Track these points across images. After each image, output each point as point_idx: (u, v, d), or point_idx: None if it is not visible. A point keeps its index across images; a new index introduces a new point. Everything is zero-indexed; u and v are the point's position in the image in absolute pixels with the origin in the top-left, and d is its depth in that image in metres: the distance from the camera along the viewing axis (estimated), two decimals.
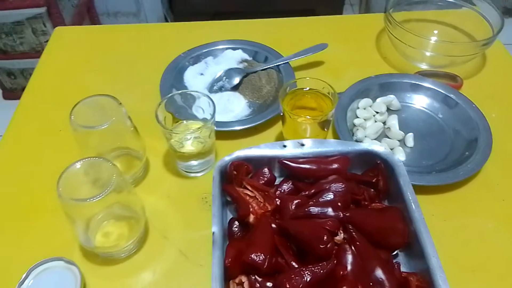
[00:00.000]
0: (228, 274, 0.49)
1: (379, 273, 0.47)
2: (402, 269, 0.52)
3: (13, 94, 1.82)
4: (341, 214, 0.51)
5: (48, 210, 0.61)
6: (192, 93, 0.62)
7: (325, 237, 0.47)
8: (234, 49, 0.82)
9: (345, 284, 0.44)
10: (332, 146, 0.59)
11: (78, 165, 0.50)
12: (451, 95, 0.71)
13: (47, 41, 0.90)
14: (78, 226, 0.52)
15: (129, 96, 0.77)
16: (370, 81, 0.74)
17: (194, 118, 0.64)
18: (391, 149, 0.67)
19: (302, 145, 0.59)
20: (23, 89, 0.80)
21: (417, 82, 0.74)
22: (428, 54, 0.78)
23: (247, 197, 0.55)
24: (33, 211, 0.62)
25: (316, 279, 0.45)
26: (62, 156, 0.66)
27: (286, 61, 0.78)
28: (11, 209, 0.62)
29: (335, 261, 0.46)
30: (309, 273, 0.45)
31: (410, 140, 0.68)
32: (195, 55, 0.80)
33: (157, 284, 0.54)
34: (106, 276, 0.55)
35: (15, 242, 0.58)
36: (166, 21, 1.92)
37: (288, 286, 0.44)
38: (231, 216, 0.57)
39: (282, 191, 0.58)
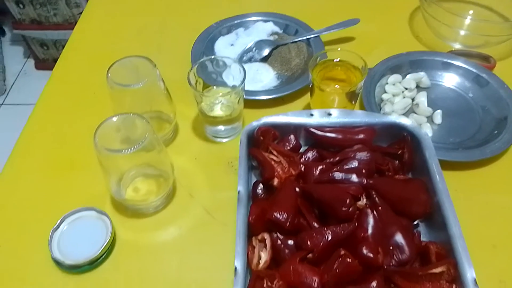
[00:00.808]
0: (251, 232, 0.50)
1: (399, 238, 0.48)
2: (422, 238, 0.52)
3: (45, 64, 1.88)
4: (365, 181, 0.52)
5: (83, 167, 0.64)
6: (223, 59, 0.63)
7: (347, 201, 0.48)
8: (265, 21, 0.82)
9: (365, 245, 0.45)
10: (359, 117, 0.59)
11: (114, 119, 0.52)
12: (483, 75, 0.70)
13: (79, 13, 0.93)
14: (111, 177, 0.54)
15: (161, 62, 0.78)
16: (401, 58, 0.74)
17: (224, 84, 0.65)
18: (419, 124, 0.67)
19: (329, 114, 0.60)
20: (54, 60, 0.83)
21: (448, 61, 0.73)
22: (462, 33, 0.77)
23: (272, 162, 0.57)
24: (68, 167, 0.65)
25: (337, 239, 0.46)
26: (96, 116, 0.68)
27: (316, 35, 0.78)
28: (50, 165, 0.65)
29: (356, 224, 0.47)
30: (330, 232, 0.46)
31: (438, 117, 0.68)
32: (227, 26, 0.82)
33: (183, 239, 0.56)
34: (135, 227, 0.57)
35: (52, 192, 0.62)
36: None
37: (309, 243, 0.46)
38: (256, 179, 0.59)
39: (307, 158, 0.59)
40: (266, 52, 0.77)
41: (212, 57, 0.63)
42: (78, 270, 0.53)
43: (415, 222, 0.54)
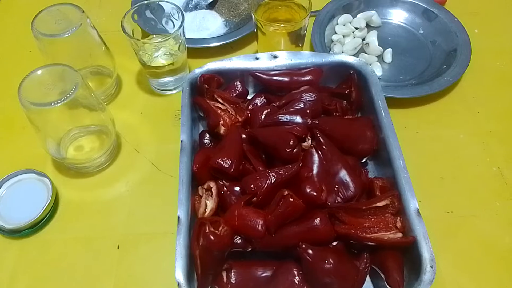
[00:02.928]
0: (197, 181, 0.49)
1: (344, 175, 0.47)
2: (370, 175, 0.52)
3: None
4: (310, 121, 0.50)
5: (19, 126, 0.60)
6: (161, 3, 0.59)
7: (291, 141, 0.47)
8: None
9: (308, 184, 0.44)
10: (305, 57, 0.57)
11: (39, 71, 0.48)
12: (432, 9, 0.69)
13: None
14: (47, 137, 0.51)
15: (100, 15, 0.75)
16: None
17: (165, 32, 0.62)
18: (369, 64, 0.66)
19: (275, 57, 0.58)
20: None
21: None
22: None
23: (218, 110, 0.55)
24: (4, 129, 0.61)
25: (281, 180, 0.45)
26: None
27: None
28: None
29: (300, 164, 0.47)
30: (274, 174, 0.45)
31: (388, 56, 0.66)
32: None
33: (129, 194, 0.55)
34: (79, 187, 0.55)
35: None
36: None
37: (253, 186, 0.45)
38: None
39: (255, 105, 0.58)
40: None
41: (148, 1, 0.59)
42: (20, 235, 0.51)
43: (364, 160, 0.53)
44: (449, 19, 0.67)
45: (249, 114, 0.55)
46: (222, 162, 0.47)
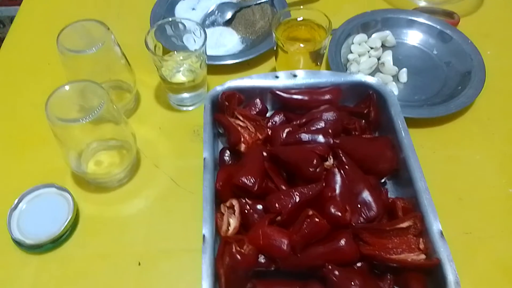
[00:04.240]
0: (219, 198, 0.49)
1: (367, 195, 0.48)
2: (390, 196, 0.53)
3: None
4: (331, 141, 0.51)
5: (40, 139, 0.60)
6: (183, 21, 0.60)
7: (314, 161, 0.48)
8: None
9: (333, 204, 0.45)
10: (324, 77, 0.58)
11: (67, 87, 0.49)
12: (447, 31, 0.70)
13: None
14: (70, 151, 0.52)
15: (119, 29, 0.74)
16: (366, 17, 0.72)
17: (185, 49, 0.62)
18: (385, 84, 0.67)
19: (295, 76, 0.58)
20: None
21: (413, 18, 0.72)
22: None
23: (239, 127, 0.55)
24: (25, 140, 0.62)
25: (305, 199, 0.46)
26: (51, 88, 0.65)
27: None
28: (4, 140, 0.62)
29: (323, 184, 0.47)
30: (298, 193, 0.46)
31: (403, 75, 0.67)
32: None
33: (149, 210, 0.55)
34: (100, 202, 0.55)
35: (7, 171, 0.59)
36: None
37: (277, 205, 0.45)
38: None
39: (274, 122, 0.58)
40: (229, 15, 0.74)
41: (171, 19, 0.60)
42: (40, 250, 0.50)
43: (383, 180, 0.54)
44: (463, 41, 0.69)
45: (270, 132, 0.55)
46: (245, 180, 0.48)
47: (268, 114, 0.60)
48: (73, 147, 0.53)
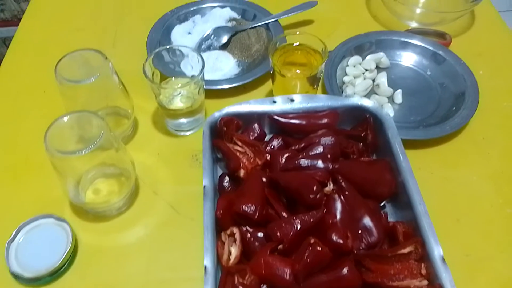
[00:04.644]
0: (220, 226, 0.49)
1: (367, 221, 0.48)
2: (390, 219, 0.53)
3: None
4: (331, 166, 0.51)
5: (37, 168, 0.60)
6: (180, 48, 0.60)
7: (314, 187, 0.48)
8: (222, 7, 0.80)
9: (334, 231, 0.45)
10: (321, 101, 0.59)
11: (65, 118, 0.49)
12: (440, 52, 0.71)
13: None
14: (68, 181, 0.51)
15: (115, 55, 0.75)
16: (360, 39, 0.73)
17: (183, 75, 0.63)
18: (381, 105, 0.67)
19: (292, 100, 0.59)
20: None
21: (406, 40, 0.74)
22: (418, 11, 0.77)
23: (237, 153, 0.55)
24: (21, 169, 0.61)
25: (306, 227, 0.46)
26: (48, 116, 0.64)
27: (275, 19, 0.76)
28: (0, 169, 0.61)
29: (324, 210, 0.47)
30: (299, 221, 0.46)
31: (398, 96, 0.68)
32: (183, 13, 0.79)
33: (149, 238, 0.54)
34: (98, 232, 0.55)
35: (4, 200, 0.58)
36: None
37: (278, 234, 0.45)
38: (222, 173, 0.58)
39: (272, 147, 0.58)
40: (225, 39, 0.75)
41: (168, 46, 0.60)
42: (39, 283, 0.50)
43: (382, 204, 0.54)
44: (456, 62, 0.70)
45: (269, 157, 0.55)
46: (246, 208, 0.48)
47: (266, 138, 0.60)
48: (71, 176, 0.52)
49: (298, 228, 0.46)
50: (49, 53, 0.77)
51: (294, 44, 0.63)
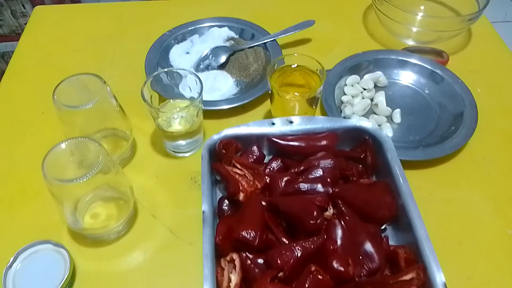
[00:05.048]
0: (219, 252, 0.49)
1: (368, 246, 0.48)
2: (391, 242, 0.52)
3: None
4: (331, 190, 0.51)
5: (34, 193, 0.60)
6: (178, 71, 0.60)
7: (315, 213, 0.47)
8: (220, 26, 0.80)
9: (335, 258, 0.44)
10: (320, 122, 0.59)
11: (63, 145, 0.49)
12: (437, 71, 0.72)
13: (27, 23, 0.88)
14: (66, 207, 0.51)
15: (113, 76, 0.76)
16: (357, 58, 0.74)
17: (181, 97, 0.63)
18: (379, 125, 0.67)
19: (291, 122, 0.59)
20: (3, 73, 0.77)
21: (404, 58, 0.74)
22: (414, 30, 0.78)
23: (237, 176, 0.55)
24: (18, 194, 0.60)
25: (306, 254, 0.45)
26: (46, 139, 0.64)
27: (273, 39, 0.77)
28: None
29: (325, 236, 0.47)
30: (299, 248, 0.45)
31: (397, 116, 0.68)
32: (180, 33, 0.79)
33: (148, 263, 0.54)
34: (96, 257, 0.54)
35: (1, 226, 0.57)
36: None
37: (279, 261, 0.45)
38: (221, 195, 0.57)
39: (272, 169, 0.58)
40: (223, 59, 0.75)
41: (166, 69, 0.60)
42: None
43: (383, 227, 0.54)
44: (453, 80, 0.70)
45: (268, 180, 0.55)
46: (246, 235, 0.47)
47: (265, 160, 0.60)
48: (69, 202, 0.52)
49: (299, 255, 0.45)
50: (47, 73, 0.77)
51: (292, 66, 0.63)
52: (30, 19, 0.88)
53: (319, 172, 0.54)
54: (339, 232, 0.48)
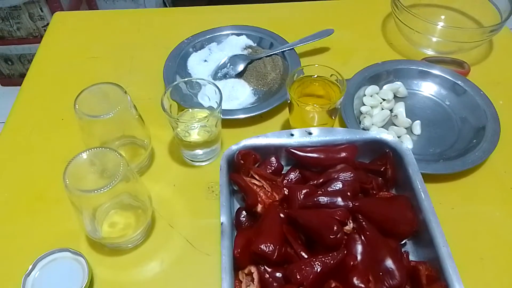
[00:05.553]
0: (237, 264, 0.48)
1: (389, 262, 0.47)
2: (411, 257, 0.51)
3: (11, 80, 1.79)
4: (351, 204, 0.50)
5: (53, 200, 0.60)
6: (198, 80, 0.60)
7: (335, 227, 0.47)
8: (238, 35, 0.80)
9: (356, 274, 0.44)
10: (339, 134, 0.58)
11: (84, 155, 0.49)
12: (459, 82, 0.70)
13: (44, 26, 0.89)
14: (85, 216, 0.51)
15: (132, 83, 0.76)
16: (377, 68, 0.73)
17: (200, 106, 0.63)
18: (398, 137, 0.66)
19: (310, 133, 0.58)
20: (20, 75, 0.78)
21: (424, 69, 0.73)
22: (434, 39, 0.77)
23: (255, 187, 0.55)
24: (37, 201, 0.61)
25: (326, 269, 0.45)
26: (66, 145, 0.66)
27: (291, 47, 0.76)
28: (15, 200, 0.61)
29: (345, 251, 0.46)
30: (319, 263, 0.45)
31: (417, 127, 0.67)
32: (199, 41, 0.79)
33: (165, 274, 0.54)
34: (114, 266, 0.54)
35: (20, 233, 0.58)
36: (165, 5, 1.89)
37: (298, 277, 0.44)
38: (238, 206, 0.57)
39: (290, 180, 0.58)
40: (241, 67, 0.75)
41: (186, 79, 0.61)
42: None
43: (403, 241, 0.53)
44: (475, 92, 0.69)
45: (286, 192, 0.55)
46: (264, 248, 0.47)
47: (283, 171, 0.59)
48: (88, 210, 0.52)
49: (318, 270, 0.45)
50: (66, 80, 0.78)
51: (312, 76, 0.63)
52: (50, 25, 0.89)
53: (339, 185, 0.53)
54: (359, 248, 0.47)
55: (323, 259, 0.45)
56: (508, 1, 0.76)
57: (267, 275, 0.47)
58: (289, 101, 0.62)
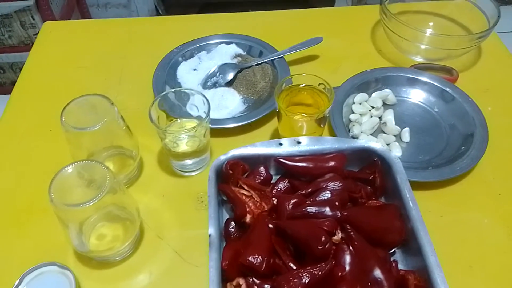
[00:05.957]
0: (225, 276, 0.48)
1: (378, 272, 0.47)
2: (400, 266, 0.51)
3: (3, 88, 1.78)
4: (339, 214, 0.50)
5: (40, 213, 0.60)
6: (186, 91, 0.60)
7: (323, 238, 0.47)
8: (227, 43, 0.80)
9: (344, 285, 0.44)
10: (328, 143, 0.58)
11: (69, 169, 0.48)
12: (447, 89, 0.71)
13: (36, 34, 0.89)
14: (72, 230, 0.51)
15: (121, 93, 0.76)
16: (365, 76, 0.73)
17: (188, 116, 0.63)
18: (387, 144, 0.67)
19: (298, 142, 0.58)
20: (12, 83, 0.78)
21: (413, 76, 0.73)
22: (423, 47, 0.77)
23: (243, 197, 0.54)
24: (23, 214, 0.60)
25: (314, 280, 0.45)
26: (53, 157, 0.65)
27: (280, 56, 0.77)
28: (1, 212, 0.61)
29: (333, 262, 0.46)
30: (307, 274, 0.45)
31: (406, 135, 0.67)
32: (188, 50, 0.79)
33: (154, 286, 0.53)
34: (102, 279, 0.54)
35: (6, 247, 0.57)
36: (157, 11, 1.89)
37: None
38: (227, 216, 0.57)
39: (278, 189, 0.58)
40: (230, 76, 0.75)
41: (174, 89, 0.60)
42: None
43: (392, 250, 0.53)
44: (463, 99, 0.69)
45: (275, 202, 0.55)
46: (252, 260, 0.47)
47: (272, 180, 0.59)
48: (74, 224, 0.52)
49: (307, 282, 0.44)
50: (55, 90, 0.77)
51: (300, 85, 0.63)
52: (39, 34, 0.89)
53: (327, 195, 0.53)
54: (347, 258, 0.47)
55: (311, 270, 0.45)
56: (495, 7, 0.77)
57: (255, 287, 0.47)
58: (277, 110, 0.62)
